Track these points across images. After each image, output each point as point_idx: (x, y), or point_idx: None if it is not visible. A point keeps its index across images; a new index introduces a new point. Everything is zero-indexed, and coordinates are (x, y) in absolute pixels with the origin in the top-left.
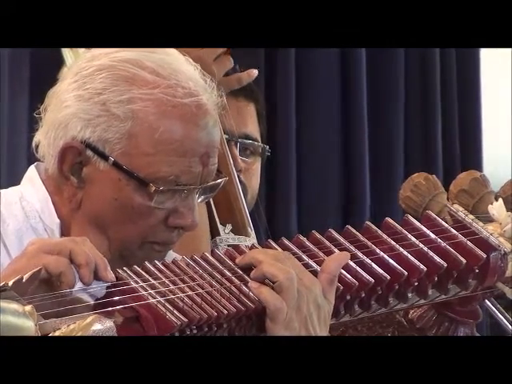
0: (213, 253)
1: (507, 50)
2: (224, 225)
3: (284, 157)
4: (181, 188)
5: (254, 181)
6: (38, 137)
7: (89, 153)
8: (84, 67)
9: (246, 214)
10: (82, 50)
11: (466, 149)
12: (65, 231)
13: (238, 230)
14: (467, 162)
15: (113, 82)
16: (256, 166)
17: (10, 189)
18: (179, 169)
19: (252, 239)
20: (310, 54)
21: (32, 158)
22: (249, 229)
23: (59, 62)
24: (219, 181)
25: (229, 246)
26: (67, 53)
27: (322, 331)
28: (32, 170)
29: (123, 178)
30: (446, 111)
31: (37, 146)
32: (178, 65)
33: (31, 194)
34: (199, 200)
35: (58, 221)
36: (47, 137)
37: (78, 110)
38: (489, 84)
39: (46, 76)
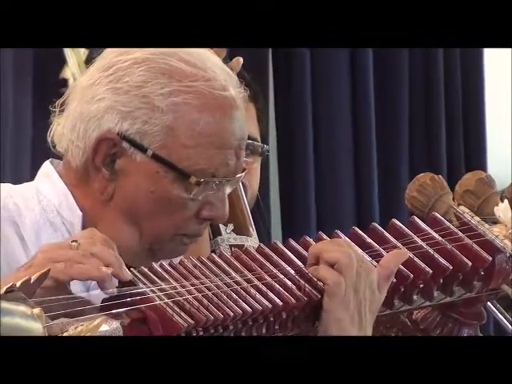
0: (220, 254)
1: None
2: (225, 224)
3: (301, 157)
4: (218, 180)
5: (254, 180)
6: (60, 130)
7: (125, 145)
8: (119, 60)
9: (247, 214)
10: (83, 50)
11: (470, 149)
12: (87, 223)
13: (240, 230)
14: (471, 163)
15: (153, 75)
16: (256, 165)
17: (24, 184)
18: (218, 161)
19: (254, 239)
20: (323, 56)
21: (35, 157)
22: (250, 228)
23: (62, 62)
24: (244, 173)
25: (230, 245)
26: (69, 52)
27: (370, 320)
28: (47, 166)
29: (161, 170)
30: (450, 112)
31: (53, 140)
32: (209, 56)
33: (48, 189)
34: (226, 192)
35: (80, 213)
36: (75, 130)
37: (115, 103)
38: (493, 84)
39: (50, 76)
